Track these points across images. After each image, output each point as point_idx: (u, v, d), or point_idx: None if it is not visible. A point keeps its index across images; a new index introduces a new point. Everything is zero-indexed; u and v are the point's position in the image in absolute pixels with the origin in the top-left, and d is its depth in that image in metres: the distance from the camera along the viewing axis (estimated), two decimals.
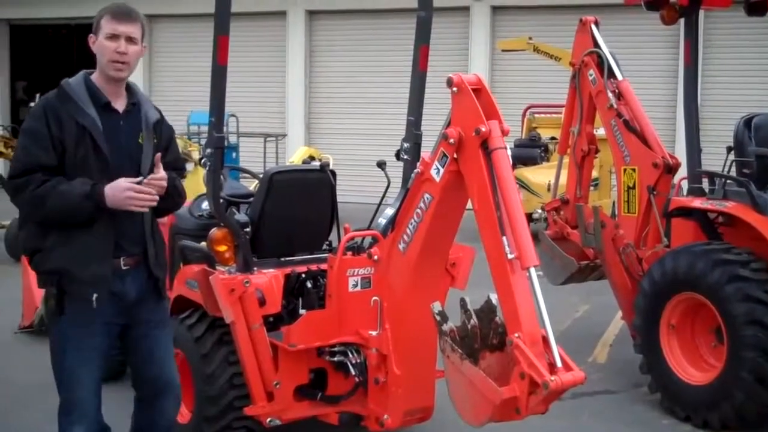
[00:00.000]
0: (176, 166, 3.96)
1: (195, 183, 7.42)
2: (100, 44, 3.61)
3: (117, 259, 3.65)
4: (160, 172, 3.63)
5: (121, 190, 3.49)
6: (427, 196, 3.98)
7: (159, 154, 3.69)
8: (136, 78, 22.00)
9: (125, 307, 3.73)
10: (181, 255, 5.25)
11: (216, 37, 4.63)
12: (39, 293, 7.20)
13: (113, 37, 3.58)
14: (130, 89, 3.77)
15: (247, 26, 18.17)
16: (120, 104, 3.69)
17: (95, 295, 3.56)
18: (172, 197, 3.80)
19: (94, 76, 3.68)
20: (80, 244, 3.55)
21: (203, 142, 4.39)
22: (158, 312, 3.88)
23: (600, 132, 7.37)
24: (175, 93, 19.87)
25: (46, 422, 5.43)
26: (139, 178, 3.57)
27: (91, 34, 3.63)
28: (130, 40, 3.60)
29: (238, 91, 16.09)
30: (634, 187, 6.57)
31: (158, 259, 3.80)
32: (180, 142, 12.42)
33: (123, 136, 3.66)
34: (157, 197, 3.57)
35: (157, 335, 3.87)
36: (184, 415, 4.93)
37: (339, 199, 5.26)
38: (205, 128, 4.54)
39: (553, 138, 13.63)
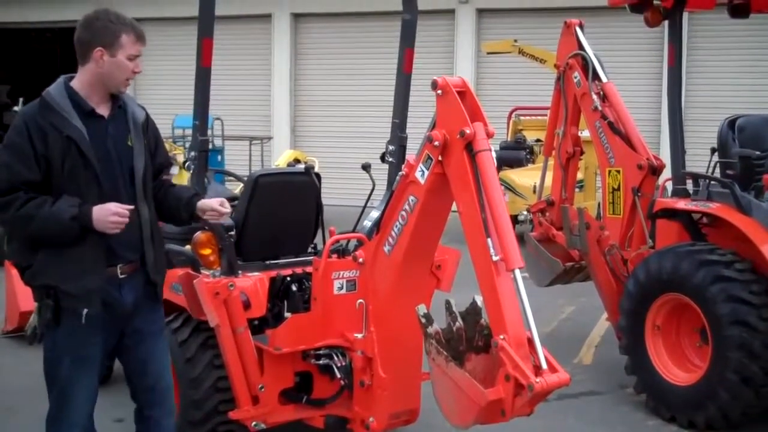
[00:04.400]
0: (165, 165, 3.94)
1: None
2: (118, 62, 3.53)
3: (113, 267, 3.60)
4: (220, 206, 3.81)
5: (108, 213, 3.42)
6: (411, 198, 3.98)
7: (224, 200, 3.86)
8: None
9: (121, 316, 3.68)
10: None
11: (200, 40, 4.62)
12: (23, 298, 7.17)
13: (135, 57, 3.57)
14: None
15: (232, 29, 18.13)
16: (104, 109, 3.63)
17: (86, 311, 3.50)
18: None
19: (77, 84, 3.59)
20: (70, 258, 3.49)
21: (188, 145, 4.43)
22: (154, 320, 3.83)
23: (585, 134, 7.39)
24: (160, 96, 19.81)
25: (35, 428, 5.41)
26: (131, 207, 3.51)
27: (99, 47, 3.51)
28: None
29: (223, 95, 16.06)
30: (618, 189, 6.59)
31: (158, 265, 3.75)
32: (165, 146, 12.40)
33: (111, 141, 3.60)
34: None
35: (152, 345, 3.82)
36: None
37: (324, 201, 5.25)
38: (190, 131, 4.53)
39: (538, 140, 13.66)
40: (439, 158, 3.78)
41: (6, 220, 3.50)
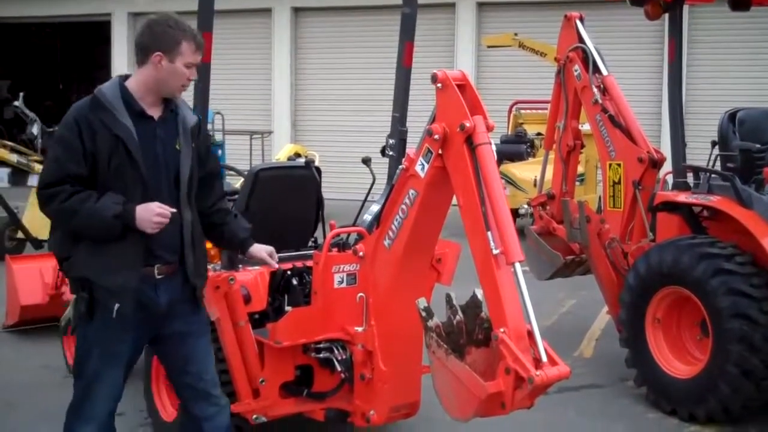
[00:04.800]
0: (216, 170, 4.00)
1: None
2: (174, 69, 3.57)
3: (151, 267, 3.61)
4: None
5: (151, 213, 3.47)
6: (412, 192, 3.97)
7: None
8: None
9: (156, 316, 3.69)
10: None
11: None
12: (24, 292, 7.18)
13: (191, 65, 3.62)
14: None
15: (232, 23, 18.13)
16: (156, 111, 3.65)
17: (117, 306, 3.52)
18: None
19: (132, 84, 3.62)
20: (108, 253, 3.51)
21: None
22: (194, 321, 3.83)
23: (585, 127, 7.39)
24: None
25: (37, 423, 5.43)
26: (174, 209, 3.56)
27: (159, 52, 3.55)
28: None
29: (223, 89, 16.06)
30: (619, 182, 6.59)
31: (198, 268, 3.76)
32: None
33: (159, 144, 3.62)
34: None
35: (192, 345, 3.82)
36: (170, 412, 4.92)
37: (324, 195, 5.25)
38: None
39: (539, 134, 13.67)
40: (439, 152, 3.77)
41: (51, 211, 3.55)
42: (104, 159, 3.48)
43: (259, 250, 4.06)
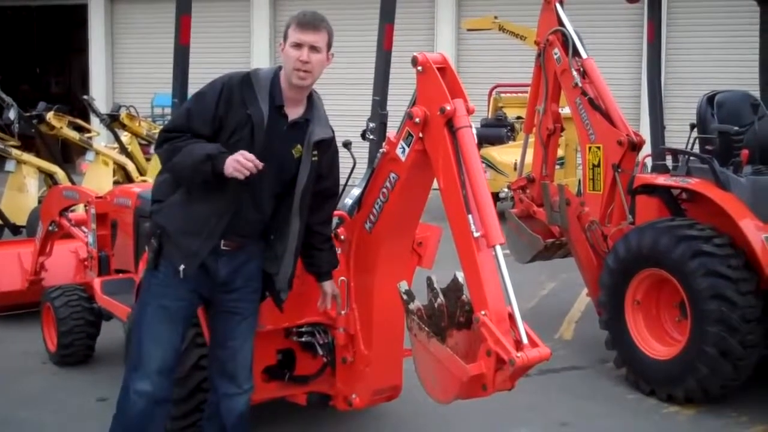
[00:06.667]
0: (332, 192, 4.05)
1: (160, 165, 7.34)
2: (285, 52, 3.67)
3: (221, 240, 3.76)
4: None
5: (234, 158, 3.53)
6: (392, 175, 3.98)
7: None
8: (98, 60, 21.58)
9: (213, 284, 3.82)
10: (147, 237, 5.20)
11: (178, 17, 4.59)
12: (1, 278, 7.12)
13: (297, 45, 3.64)
14: (311, 103, 3.84)
15: (211, 6, 17.99)
16: (293, 113, 3.77)
17: (182, 267, 3.69)
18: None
19: (282, 77, 3.74)
20: (194, 216, 3.67)
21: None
22: (248, 301, 3.94)
23: (565, 111, 7.40)
24: (139, 75, 19.67)
25: (16, 408, 5.40)
26: (261, 164, 3.58)
27: (281, 41, 3.73)
28: (313, 49, 3.65)
29: (202, 73, 15.91)
30: (599, 165, 6.61)
31: (287, 279, 3.93)
32: (144, 125, 12.32)
33: (281, 143, 3.72)
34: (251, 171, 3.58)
35: (238, 323, 3.92)
36: None
37: None
38: (169, 110, 4.56)
39: (519, 117, 13.67)
40: (420, 135, 3.78)
41: (162, 150, 3.72)
42: (228, 130, 3.62)
43: (326, 287, 4.16)
